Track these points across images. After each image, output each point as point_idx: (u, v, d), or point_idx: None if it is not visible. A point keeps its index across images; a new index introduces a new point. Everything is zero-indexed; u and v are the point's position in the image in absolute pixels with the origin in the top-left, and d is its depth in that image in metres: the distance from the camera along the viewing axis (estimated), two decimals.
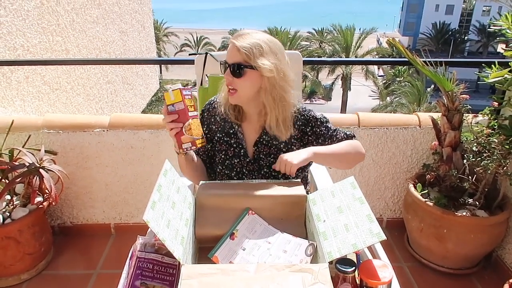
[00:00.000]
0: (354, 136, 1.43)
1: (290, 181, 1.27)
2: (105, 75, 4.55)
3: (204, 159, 1.46)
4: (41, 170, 2.00)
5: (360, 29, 25.98)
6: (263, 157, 1.39)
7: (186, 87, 1.20)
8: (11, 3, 2.80)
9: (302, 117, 1.39)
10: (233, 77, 1.27)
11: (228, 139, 1.41)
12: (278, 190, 1.20)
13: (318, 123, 1.39)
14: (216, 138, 1.43)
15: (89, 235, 2.50)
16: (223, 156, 1.42)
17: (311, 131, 1.39)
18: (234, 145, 1.41)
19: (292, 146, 1.38)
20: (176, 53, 33.59)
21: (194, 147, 1.21)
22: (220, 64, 1.30)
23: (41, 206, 2.09)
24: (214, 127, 1.43)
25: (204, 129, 1.42)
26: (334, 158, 1.32)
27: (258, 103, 1.34)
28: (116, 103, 4.89)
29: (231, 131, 1.41)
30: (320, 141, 1.39)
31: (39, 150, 2.12)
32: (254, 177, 1.40)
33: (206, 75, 1.89)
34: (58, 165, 2.13)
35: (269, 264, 0.98)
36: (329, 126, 1.41)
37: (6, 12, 2.74)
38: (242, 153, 1.40)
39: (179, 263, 0.93)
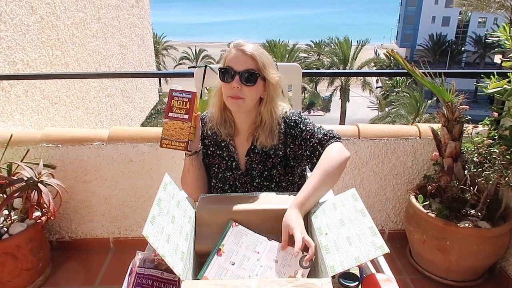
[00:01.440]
0: (334, 137, 1.32)
1: (290, 194, 1.26)
2: (105, 88, 4.56)
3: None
4: (39, 184, 1.99)
5: (357, 41, 26.24)
6: (254, 166, 1.39)
7: (180, 89, 1.22)
8: (11, 18, 2.81)
9: (284, 120, 1.38)
10: (242, 85, 1.26)
11: (220, 152, 1.42)
12: (278, 204, 1.18)
13: (293, 124, 1.38)
14: (209, 152, 1.44)
15: (87, 249, 2.47)
16: (216, 170, 1.43)
17: (289, 133, 1.38)
18: (226, 158, 1.42)
19: (278, 151, 1.38)
20: (175, 66, 33.84)
21: (160, 145, 1.23)
22: (222, 71, 1.28)
23: (39, 221, 2.06)
24: (207, 141, 1.44)
25: (200, 145, 1.41)
26: (318, 190, 1.18)
27: (252, 114, 1.35)
28: (115, 116, 4.89)
29: (223, 144, 1.42)
30: (296, 143, 1.37)
31: (38, 164, 2.10)
32: (246, 189, 1.41)
33: (206, 87, 1.89)
34: (56, 179, 2.12)
35: (271, 279, 0.96)
36: (302, 127, 1.36)
37: (6, 27, 2.76)
38: (234, 166, 1.41)
39: (179, 279, 0.91)
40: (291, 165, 1.40)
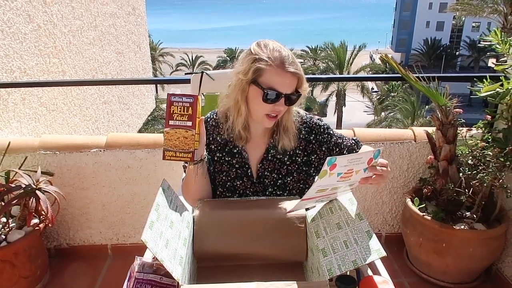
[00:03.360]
0: (359, 142, 1.44)
1: (289, 198, 1.26)
2: (102, 95, 4.57)
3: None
4: (37, 191, 1.99)
5: (354, 46, 26.40)
6: (267, 174, 1.34)
7: (179, 94, 1.09)
8: (9, 26, 2.83)
9: (305, 126, 1.37)
10: (285, 106, 1.23)
11: (229, 159, 1.34)
12: (277, 208, 1.19)
13: (321, 130, 1.38)
14: (216, 158, 1.35)
15: (86, 256, 2.47)
16: (224, 178, 1.35)
17: (315, 139, 1.37)
18: (237, 165, 1.34)
19: (296, 158, 1.35)
20: (172, 72, 33.89)
21: (163, 158, 1.11)
22: (267, 92, 1.18)
23: (37, 228, 2.06)
24: (213, 147, 1.35)
25: (206, 152, 1.30)
26: None
27: None
28: (112, 123, 4.89)
29: (235, 151, 1.34)
30: (323, 148, 1.37)
31: (36, 171, 2.11)
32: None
33: (202, 93, 1.91)
34: (54, 186, 2.12)
35: (269, 283, 0.97)
36: (331, 132, 1.40)
37: (3, 35, 2.77)
38: (248, 173, 1.34)
39: (178, 283, 0.92)
40: (309, 172, 1.37)
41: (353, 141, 1.43)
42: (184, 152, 1.10)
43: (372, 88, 29.65)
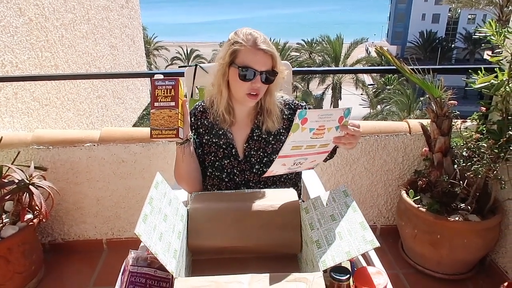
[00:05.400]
0: None
1: (283, 190, 1.27)
2: (95, 89, 4.52)
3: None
4: (31, 186, 1.98)
5: (349, 39, 26.34)
6: (253, 153, 1.41)
7: (162, 78, 1.18)
8: None
9: (288, 107, 1.45)
10: (263, 84, 1.30)
11: (216, 140, 1.42)
12: (271, 200, 1.19)
13: (303, 109, 1.42)
14: (204, 140, 1.44)
15: (81, 251, 2.46)
16: (212, 158, 1.43)
17: None
18: (224, 146, 1.42)
19: (281, 137, 1.43)
20: (167, 66, 33.69)
21: (150, 136, 1.18)
22: (242, 70, 1.27)
23: (31, 223, 2.05)
24: (201, 130, 1.44)
25: (192, 133, 1.39)
26: None
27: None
28: (106, 117, 4.85)
29: (220, 132, 1.42)
30: None
31: (29, 166, 2.09)
32: (245, 176, 1.41)
33: (196, 86, 1.90)
34: (48, 181, 2.11)
35: (263, 275, 0.97)
36: None
37: None
38: (233, 153, 1.41)
39: (172, 276, 0.92)
40: None
41: None
42: (169, 129, 1.18)
43: (367, 83, 29.66)
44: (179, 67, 2.07)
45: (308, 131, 1.05)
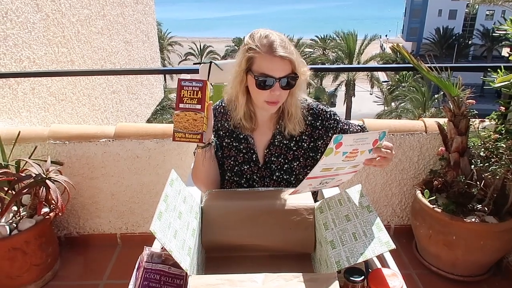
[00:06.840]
0: (365, 128, 1.46)
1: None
2: (110, 85, 4.57)
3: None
4: (47, 181, 2.01)
5: (364, 35, 26.06)
6: (274, 159, 1.37)
7: (189, 79, 1.13)
8: (17, 15, 2.83)
9: (312, 112, 1.38)
10: (283, 90, 1.23)
11: (237, 144, 1.38)
12: (286, 199, 1.19)
13: (328, 116, 1.39)
14: (224, 143, 1.39)
15: (95, 245, 2.50)
16: (232, 162, 1.39)
17: (321, 124, 1.38)
18: (244, 151, 1.38)
19: (303, 143, 1.38)
20: (180, 61, 33.86)
21: (173, 139, 1.14)
22: (259, 79, 1.21)
23: (47, 217, 2.09)
24: (221, 133, 1.39)
25: (212, 136, 1.32)
26: None
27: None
28: (121, 112, 4.90)
29: (241, 136, 1.38)
30: (330, 134, 1.38)
31: (46, 161, 2.12)
32: (265, 183, 1.39)
33: (211, 83, 1.90)
34: (64, 176, 2.14)
35: (277, 274, 0.97)
36: (338, 119, 1.41)
37: (12, 25, 2.77)
38: (253, 158, 1.38)
39: (186, 273, 0.92)
40: (316, 158, 1.38)
41: (359, 127, 1.45)
42: (193, 133, 1.13)
43: (382, 80, 29.33)
44: (193, 63, 2.08)
45: (341, 155, 1.02)
